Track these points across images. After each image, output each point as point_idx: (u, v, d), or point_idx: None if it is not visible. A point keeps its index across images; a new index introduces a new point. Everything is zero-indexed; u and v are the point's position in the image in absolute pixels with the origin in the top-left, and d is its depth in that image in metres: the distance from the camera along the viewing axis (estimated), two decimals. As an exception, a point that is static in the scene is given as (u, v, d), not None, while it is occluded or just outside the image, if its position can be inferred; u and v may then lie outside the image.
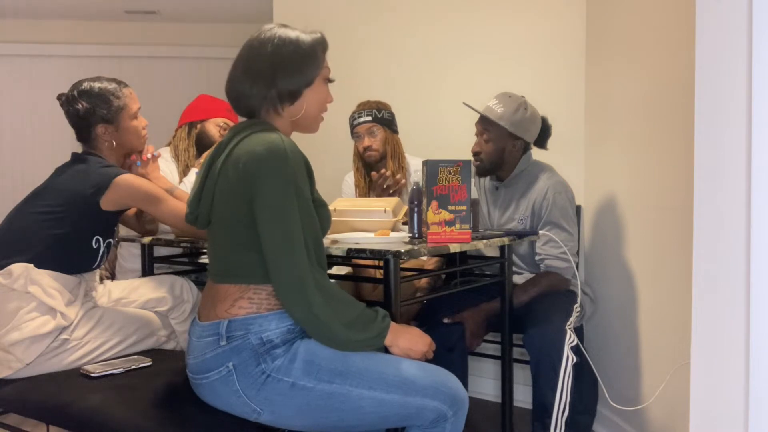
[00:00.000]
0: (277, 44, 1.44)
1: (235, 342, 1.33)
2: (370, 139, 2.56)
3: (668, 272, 1.98)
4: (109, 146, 1.86)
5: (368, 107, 2.58)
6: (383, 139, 2.57)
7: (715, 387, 0.90)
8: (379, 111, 2.56)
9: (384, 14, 3.19)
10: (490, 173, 2.36)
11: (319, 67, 1.48)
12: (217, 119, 2.57)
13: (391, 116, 2.61)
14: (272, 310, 1.35)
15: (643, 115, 2.13)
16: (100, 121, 1.83)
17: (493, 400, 2.84)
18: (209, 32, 4.84)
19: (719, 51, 0.89)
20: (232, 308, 1.35)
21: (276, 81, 1.42)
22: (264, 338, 1.33)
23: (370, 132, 2.56)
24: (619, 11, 2.34)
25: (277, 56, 1.43)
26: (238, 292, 1.36)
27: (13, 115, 4.61)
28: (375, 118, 2.55)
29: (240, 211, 1.35)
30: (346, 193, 2.77)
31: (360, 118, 2.57)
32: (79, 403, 1.43)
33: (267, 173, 1.31)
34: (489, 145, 2.29)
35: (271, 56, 1.43)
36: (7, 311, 1.62)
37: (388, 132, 2.58)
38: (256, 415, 1.34)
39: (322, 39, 1.50)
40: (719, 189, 0.89)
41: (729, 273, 0.87)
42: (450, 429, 1.41)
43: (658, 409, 2.04)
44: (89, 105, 1.81)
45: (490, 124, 2.26)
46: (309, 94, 1.47)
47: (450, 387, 1.41)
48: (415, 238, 1.72)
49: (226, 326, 1.34)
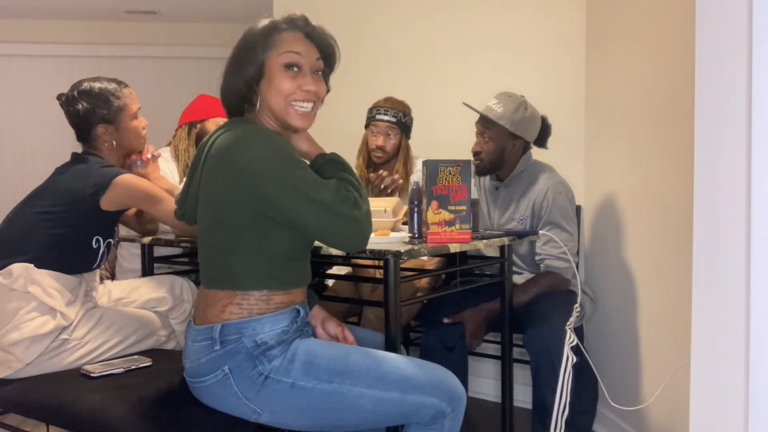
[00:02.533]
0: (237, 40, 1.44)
1: (229, 346, 1.32)
2: (384, 140, 2.48)
3: (668, 272, 1.97)
4: (109, 146, 1.86)
5: (395, 107, 2.50)
6: (397, 144, 2.52)
7: (715, 387, 0.90)
8: (404, 115, 2.51)
9: (383, 13, 3.19)
10: (490, 173, 2.36)
11: (262, 56, 1.38)
12: (217, 119, 2.56)
13: (411, 122, 2.56)
14: (264, 314, 1.33)
15: (643, 115, 2.13)
16: (100, 121, 1.83)
17: (493, 400, 2.83)
18: (209, 32, 4.84)
19: (719, 51, 0.89)
20: (222, 313, 1.34)
21: (228, 79, 1.42)
22: (258, 341, 1.31)
23: (387, 133, 2.49)
24: (619, 11, 2.34)
25: (231, 53, 1.43)
26: (225, 298, 1.34)
27: (13, 115, 4.61)
28: (399, 121, 2.49)
29: (216, 214, 1.34)
30: None
31: (383, 115, 2.49)
32: (79, 403, 1.43)
33: (261, 170, 1.27)
34: (489, 144, 2.29)
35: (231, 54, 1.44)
36: (7, 311, 1.62)
37: (404, 137, 2.54)
38: (256, 415, 1.34)
39: (276, 23, 1.40)
40: (719, 189, 0.89)
41: (729, 273, 0.87)
42: (449, 426, 1.41)
43: (658, 409, 2.04)
44: (89, 105, 1.81)
45: (490, 123, 2.26)
46: (264, 85, 1.39)
47: (448, 384, 1.41)
48: (415, 238, 1.72)
49: (219, 330, 1.33)
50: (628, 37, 2.26)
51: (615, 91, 2.38)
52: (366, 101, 2.63)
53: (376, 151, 2.50)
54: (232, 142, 1.31)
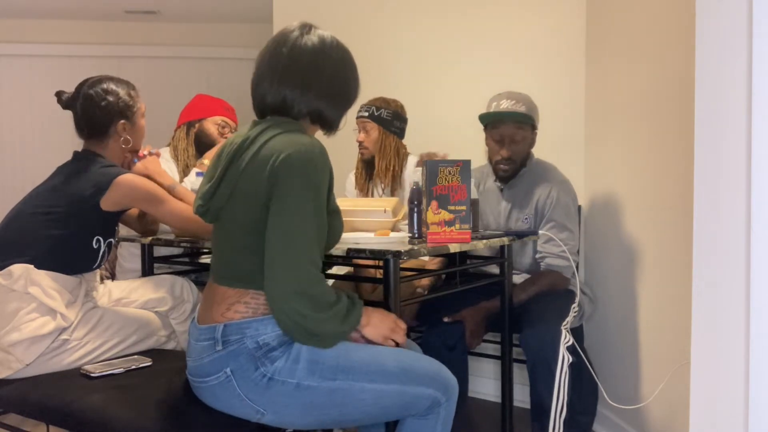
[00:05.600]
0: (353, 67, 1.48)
1: (231, 347, 1.32)
2: (362, 135, 2.57)
3: (668, 272, 1.98)
4: (124, 141, 1.87)
5: (370, 103, 2.58)
6: (376, 138, 2.55)
7: (715, 387, 0.90)
8: (377, 109, 2.54)
9: (382, 14, 3.19)
10: (516, 175, 2.35)
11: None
12: (216, 117, 2.57)
13: (392, 116, 2.56)
14: (268, 314, 1.33)
15: (644, 115, 2.13)
16: (120, 116, 1.85)
17: (493, 400, 2.84)
18: (209, 32, 4.84)
19: (719, 50, 0.89)
20: (227, 312, 1.34)
21: (322, 104, 1.43)
22: (260, 342, 1.31)
23: (364, 127, 2.57)
24: (619, 11, 2.34)
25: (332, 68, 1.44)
26: (235, 296, 1.35)
27: (13, 115, 4.61)
28: (371, 115, 2.55)
29: (254, 214, 1.33)
30: (348, 190, 2.77)
31: (360, 112, 2.58)
32: (79, 403, 1.43)
33: (292, 178, 1.29)
34: (521, 145, 2.28)
35: (338, 78, 1.45)
36: (7, 312, 1.62)
37: (384, 132, 2.55)
38: (259, 416, 1.35)
39: None
40: (719, 189, 0.89)
41: (729, 273, 0.87)
42: (444, 415, 1.45)
43: (657, 408, 2.04)
44: (114, 99, 1.84)
45: (523, 123, 2.26)
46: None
47: (442, 375, 1.45)
48: (415, 238, 1.72)
49: (221, 330, 1.33)
50: (628, 37, 2.26)
51: (615, 91, 2.38)
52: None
53: (360, 147, 2.60)
54: (288, 144, 1.32)
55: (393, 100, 2.61)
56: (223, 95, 2.75)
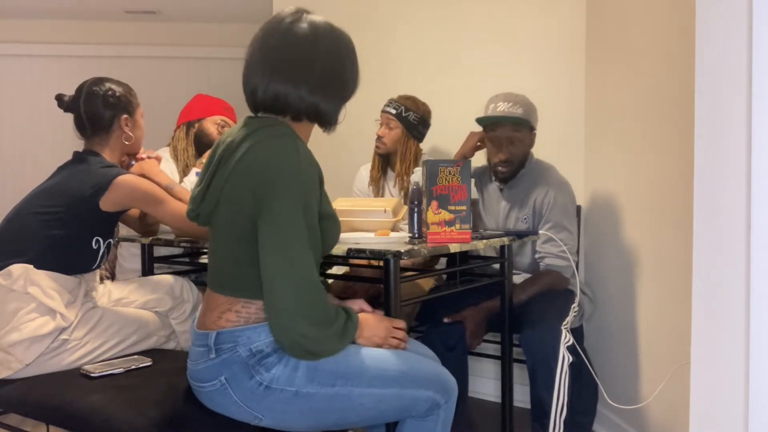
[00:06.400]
0: (349, 56, 1.42)
1: (224, 355, 1.31)
2: (384, 130, 2.57)
3: (668, 272, 1.97)
4: (126, 138, 1.88)
5: (401, 101, 2.58)
6: (396, 137, 2.56)
7: (715, 387, 0.90)
8: (406, 110, 2.55)
9: (382, 14, 3.18)
10: (515, 176, 2.35)
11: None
12: (215, 117, 2.57)
13: (418, 121, 2.56)
14: (261, 322, 1.31)
15: (644, 115, 2.13)
16: (123, 112, 1.87)
17: (493, 400, 2.83)
18: (209, 32, 4.84)
19: (719, 51, 0.89)
20: (219, 320, 1.33)
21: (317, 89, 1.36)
22: (253, 349, 1.30)
23: (387, 123, 2.57)
24: (619, 11, 2.34)
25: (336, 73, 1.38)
26: (226, 304, 1.34)
27: (14, 115, 4.60)
28: (399, 114, 2.55)
29: (241, 224, 1.30)
30: (357, 185, 2.76)
31: (387, 106, 2.58)
32: (79, 403, 1.43)
33: (278, 191, 1.25)
34: (519, 147, 2.28)
35: (335, 71, 1.38)
36: (6, 312, 1.62)
37: (405, 133, 2.56)
38: (257, 420, 1.35)
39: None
40: (719, 189, 0.89)
41: (729, 273, 0.87)
42: (443, 416, 1.44)
43: (657, 408, 2.04)
44: (116, 95, 1.86)
45: (521, 125, 2.26)
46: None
47: (441, 377, 1.44)
48: (415, 238, 1.72)
49: (214, 338, 1.32)
50: (628, 38, 2.26)
51: (615, 91, 2.38)
52: (368, 101, 2.63)
53: (377, 140, 2.59)
54: (272, 156, 1.27)
55: (423, 104, 2.61)
56: (223, 95, 2.75)
